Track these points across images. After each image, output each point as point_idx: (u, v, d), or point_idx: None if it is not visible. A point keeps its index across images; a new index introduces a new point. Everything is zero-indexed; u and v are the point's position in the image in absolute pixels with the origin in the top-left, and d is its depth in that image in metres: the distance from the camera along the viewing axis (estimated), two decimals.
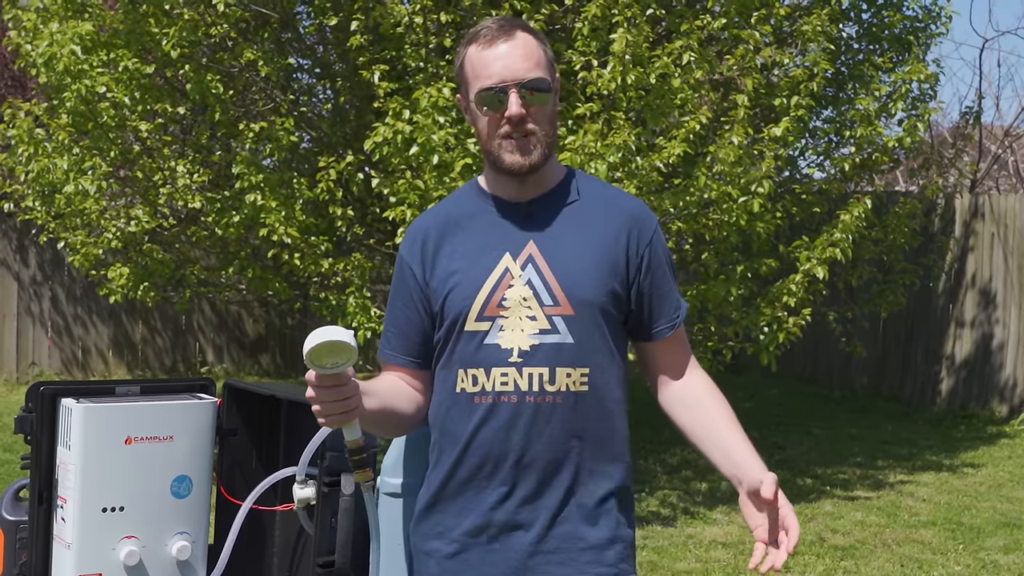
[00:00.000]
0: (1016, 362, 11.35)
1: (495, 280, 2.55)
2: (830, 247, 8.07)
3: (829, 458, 9.65)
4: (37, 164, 8.30)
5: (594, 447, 2.55)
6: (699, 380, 2.68)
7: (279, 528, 2.94)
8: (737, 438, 2.60)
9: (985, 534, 7.45)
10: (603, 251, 2.57)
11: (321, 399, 2.28)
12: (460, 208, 2.68)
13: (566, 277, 2.54)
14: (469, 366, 2.55)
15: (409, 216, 7.17)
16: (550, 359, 2.51)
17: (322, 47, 9.60)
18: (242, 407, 2.91)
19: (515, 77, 2.51)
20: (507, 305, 2.53)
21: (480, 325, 2.54)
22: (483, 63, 2.55)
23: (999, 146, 15.07)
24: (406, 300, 2.65)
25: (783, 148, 8.11)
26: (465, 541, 2.56)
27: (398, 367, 2.66)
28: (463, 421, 2.55)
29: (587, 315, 2.53)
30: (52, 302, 12.71)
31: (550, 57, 2.59)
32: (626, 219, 2.62)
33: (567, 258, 2.55)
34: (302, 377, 10.58)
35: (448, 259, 2.60)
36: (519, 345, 2.52)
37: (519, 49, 2.53)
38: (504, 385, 2.52)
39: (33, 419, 2.65)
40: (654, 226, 2.65)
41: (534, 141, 2.54)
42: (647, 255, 2.61)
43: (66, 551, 2.60)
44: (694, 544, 7.08)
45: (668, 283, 2.65)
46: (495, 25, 2.57)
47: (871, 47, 9.56)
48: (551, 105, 2.56)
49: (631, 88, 7.29)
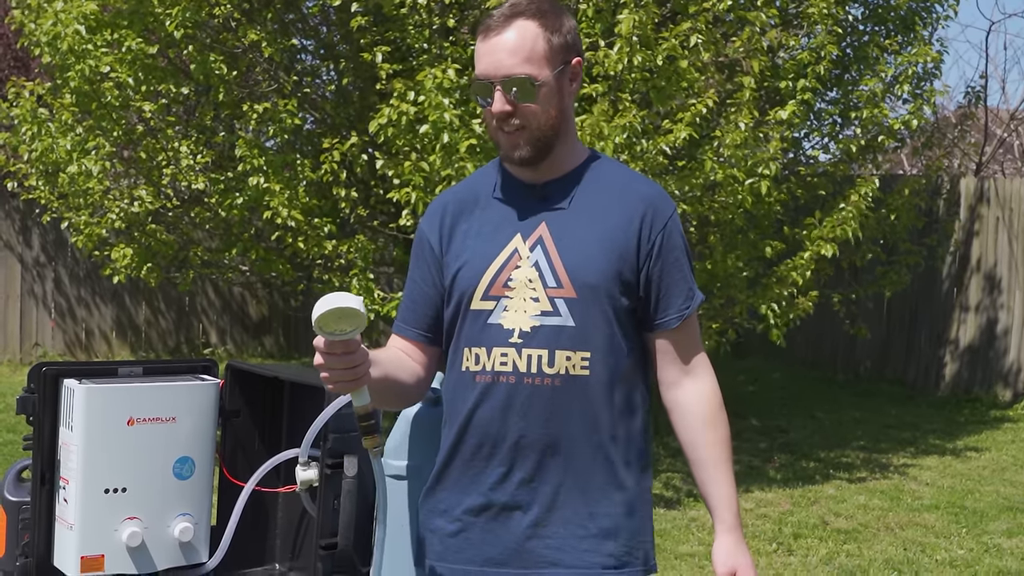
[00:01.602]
0: (1020, 347, 11.34)
1: (503, 260, 2.54)
2: (839, 226, 8.06)
3: (832, 441, 9.65)
4: (41, 144, 8.29)
5: (594, 432, 2.53)
6: (702, 393, 2.61)
7: (282, 510, 2.94)
8: (718, 486, 2.58)
9: (988, 518, 7.45)
10: (613, 235, 2.54)
11: (330, 365, 2.28)
12: (480, 186, 2.68)
13: (571, 260, 2.52)
14: (473, 345, 2.56)
15: (414, 198, 7.17)
16: (550, 341, 2.50)
17: (326, 28, 9.57)
18: (245, 388, 2.90)
19: (500, 73, 2.49)
20: (512, 286, 2.53)
21: (485, 304, 2.55)
22: (479, 54, 2.53)
23: (1004, 129, 15.03)
24: (423, 273, 2.66)
25: (789, 131, 8.09)
26: (466, 520, 2.57)
27: (408, 339, 2.67)
28: (464, 400, 2.57)
29: (590, 299, 2.51)
30: (55, 283, 12.71)
31: (556, 44, 2.52)
32: (640, 203, 2.58)
33: (575, 241, 2.53)
34: (306, 358, 10.52)
35: (463, 236, 2.61)
36: (520, 326, 2.51)
37: (510, 42, 2.49)
38: (503, 365, 2.52)
39: (35, 400, 2.64)
40: (670, 212, 2.60)
41: (525, 136, 2.52)
42: (659, 241, 2.56)
43: (68, 532, 2.59)
44: (697, 527, 7.08)
45: (680, 271, 2.59)
46: (499, 14, 2.52)
47: (876, 28, 9.52)
48: (544, 99, 2.50)
49: (637, 70, 7.27)
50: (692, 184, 7.54)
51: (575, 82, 2.58)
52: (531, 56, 2.49)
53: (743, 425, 10.03)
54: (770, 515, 7.36)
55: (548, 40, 2.51)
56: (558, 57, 2.52)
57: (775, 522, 7.21)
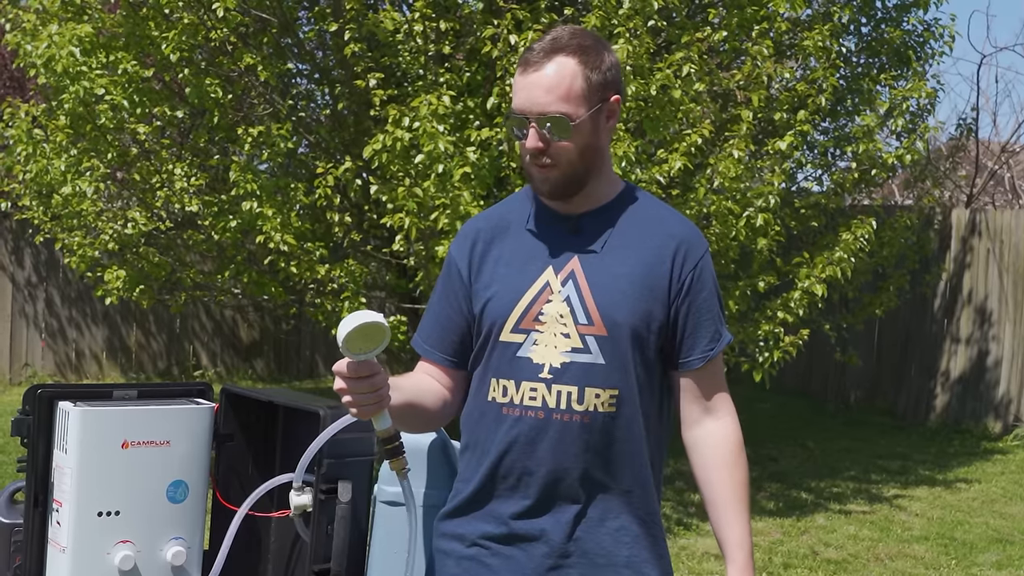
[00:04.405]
0: (1010, 379, 11.35)
1: (535, 293, 2.54)
2: (830, 266, 8.07)
3: (823, 471, 9.65)
4: (35, 164, 8.29)
5: (618, 469, 2.53)
6: (722, 434, 2.61)
7: (275, 535, 2.93)
8: (732, 529, 2.56)
9: (978, 549, 7.45)
10: (645, 272, 2.53)
11: (353, 389, 2.27)
12: (513, 214, 2.66)
13: (602, 297, 2.51)
14: (501, 376, 2.55)
15: (408, 223, 7.18)
16: (580, 378, 2.49)
17: (321, 52, 9.60)
18: (239, 413, 2.90)
19: (535, 110, 2.46)
20: (543, 320, 2.52)
21: (515, 337, 2.54)
22: (516, 88, 2.51)
23: (995, 162, 15.09)
24: (450, 299, 2.65)
25: (785, 162, 8.12)
26: (485, 544, 2.56)
27: (433, 363, 2.66)
28: (491, 431, 2.56)
29: (620, 337, 2.50)
30: (47, 304, 12.69)
31: (595, 82, 2.48)
32: (673, 241, 2.56)
33: (607, 277, 2.52)
34: (296, 382, 10.46)
35: (494, 264, 2.60)
36: (551, 361, 2.51)
37: (548, 79, 2.46)
38: (532, 400, 2.51)
39: (30, 422, 2.64)
40: (702, 252, 2.58)
41: (556, 172, 2.50)
42: (689, 280, 2.55)
43: (61, 555, 2.59)
44: (687, 556, 7.07)
45: (709, 312, 2.57)
46: (539, 48, 2.49)
47: (870, 61, 9.57)
48: (578, 137, 2.48)
49: (631, 99, 7.30)
50: (686, 214, 7.55)
51: (612, 119, 2.55)
52: (568, 94, 2.46)
53: None
54: (760, 544, 7.35)
55: (587, 78, 2.48)
56: (596, 95, 2.49)
57: (765, 551, 7.20)
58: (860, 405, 12.43)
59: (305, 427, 2.68)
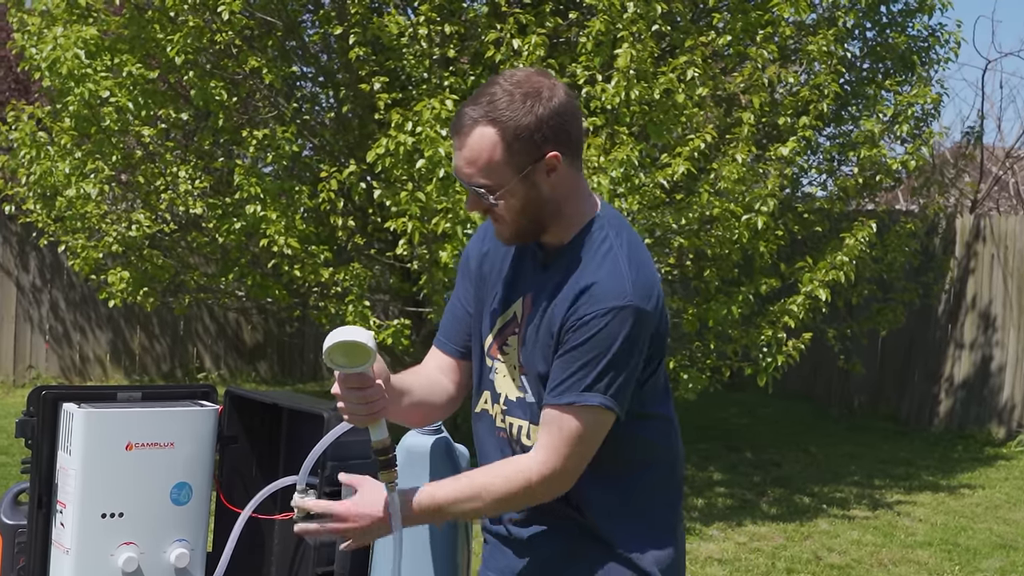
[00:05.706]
0: (1014, 384, 11.34)
1: (505, 321, 2.56)
2: (833, 270, 8.06)
3: (826, 476, 9.64)
4: (39, 167, 8.29)
5: (568, 505, 2.51)
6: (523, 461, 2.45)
7: (278, 537, 2.93)
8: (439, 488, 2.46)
9: (981, 555, 7.44)
10: (551, 320, 2.45)
11: (344, 398, 2.30)
12: None
13: (526, 338, 2.51)
14: (487, 389, 2.61)
15: (411, 227, 7.19)
16: (527, 414, 2.52)
17: (326, 56, 9.60)
18: (243, 415, 2.90)
19: (463, 180, 2.43)
20: (507, 352, 2.55)
21: (488, 360, 2.60)
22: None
23: (1000, 167, 15.07)
24: (463, 293, 2.69)
25: (788, 168, 8.11)
26: (501, 534, 2.63)
27: (447, 353, 2.69)
28: (482, 442, 2.64)
29: (533, 380, 2.50)
30: (51, 307, 12.69)
31: (517, 149, 2.37)
32: (577, 288, 2.42)
33: (536, 318, 2.49)
34: (300, 385, 10.48)
35: (488, 275, 2.62)
36: (507, 393, 2.55)
37: (468, 153, 2.38)
38: (502, 422, 2.58)
39: (35, 423, 2.64)
40: (607, 307, 2.37)
41: (503, 228, 2.48)
42: (573, 325, 2.40)
43: (64, 556, 2.59)
44: (690, 560, 7.06)
45: (578, 362, 2.38)
46: (466, 114, 2.40)
47: (875, 66, 9.57)
48: (511, 200, 2.40)
49: (634, 103, 7.30)
50: (689, 218, 7.56)
51: (555, 171, 2.41)
52: (488, 166, 2.38)
53: (737, 458, 10.02)
54: (763, 549, 7.34)
55: (508, 146, 2.36)
56: (523, 158, 2.38)
57: (768, 556, 7.19)
58: (863, 410, 12.40)
59: (309, 429, 2.68)
